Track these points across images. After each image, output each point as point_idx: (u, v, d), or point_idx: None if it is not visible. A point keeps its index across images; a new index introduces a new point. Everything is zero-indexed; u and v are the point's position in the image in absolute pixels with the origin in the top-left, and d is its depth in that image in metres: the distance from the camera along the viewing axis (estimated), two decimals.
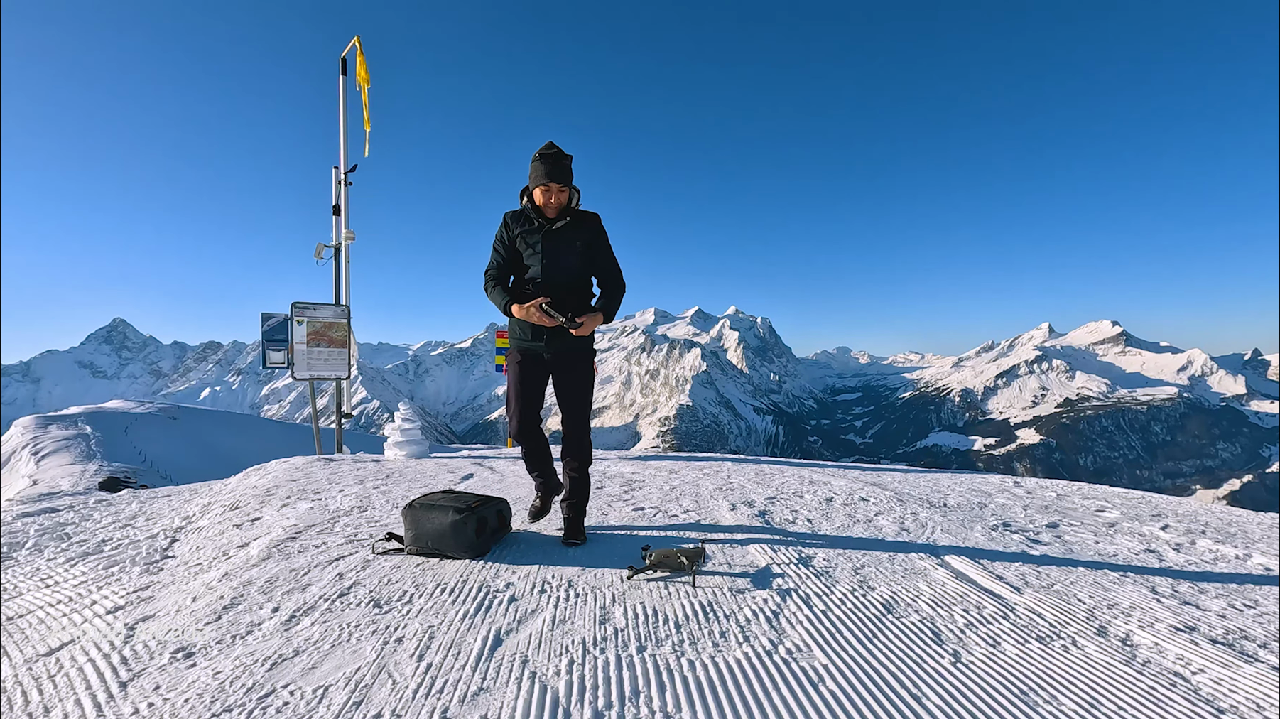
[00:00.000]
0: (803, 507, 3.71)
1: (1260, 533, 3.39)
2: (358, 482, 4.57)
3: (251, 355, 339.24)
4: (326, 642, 1.91)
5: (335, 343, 7.44)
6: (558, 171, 2.70)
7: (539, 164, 2.70)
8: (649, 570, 2.45)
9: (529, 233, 2.78)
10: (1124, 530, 3.33)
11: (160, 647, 1.93)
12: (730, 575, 2.47)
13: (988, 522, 3.43)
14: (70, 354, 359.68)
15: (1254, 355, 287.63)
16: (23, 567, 2.92)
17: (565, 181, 2.71)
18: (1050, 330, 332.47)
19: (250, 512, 3.68)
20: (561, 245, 2.77)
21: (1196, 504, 4.31)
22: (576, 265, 2.81)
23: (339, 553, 2.78)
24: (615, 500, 3.87)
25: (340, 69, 7.89)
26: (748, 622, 2.04)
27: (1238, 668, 1.75)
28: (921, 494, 4.21)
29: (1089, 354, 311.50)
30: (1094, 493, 4.60)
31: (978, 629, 2.00)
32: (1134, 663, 1.79)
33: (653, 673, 1.72)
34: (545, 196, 2.71)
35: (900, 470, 5.67)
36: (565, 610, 2.12)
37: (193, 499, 4.39)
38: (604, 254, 2.87)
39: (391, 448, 6.66)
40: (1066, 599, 2.27)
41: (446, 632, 1.98)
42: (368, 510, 3.62)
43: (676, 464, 5.46)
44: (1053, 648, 1.87)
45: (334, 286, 7.82)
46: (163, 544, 3.19)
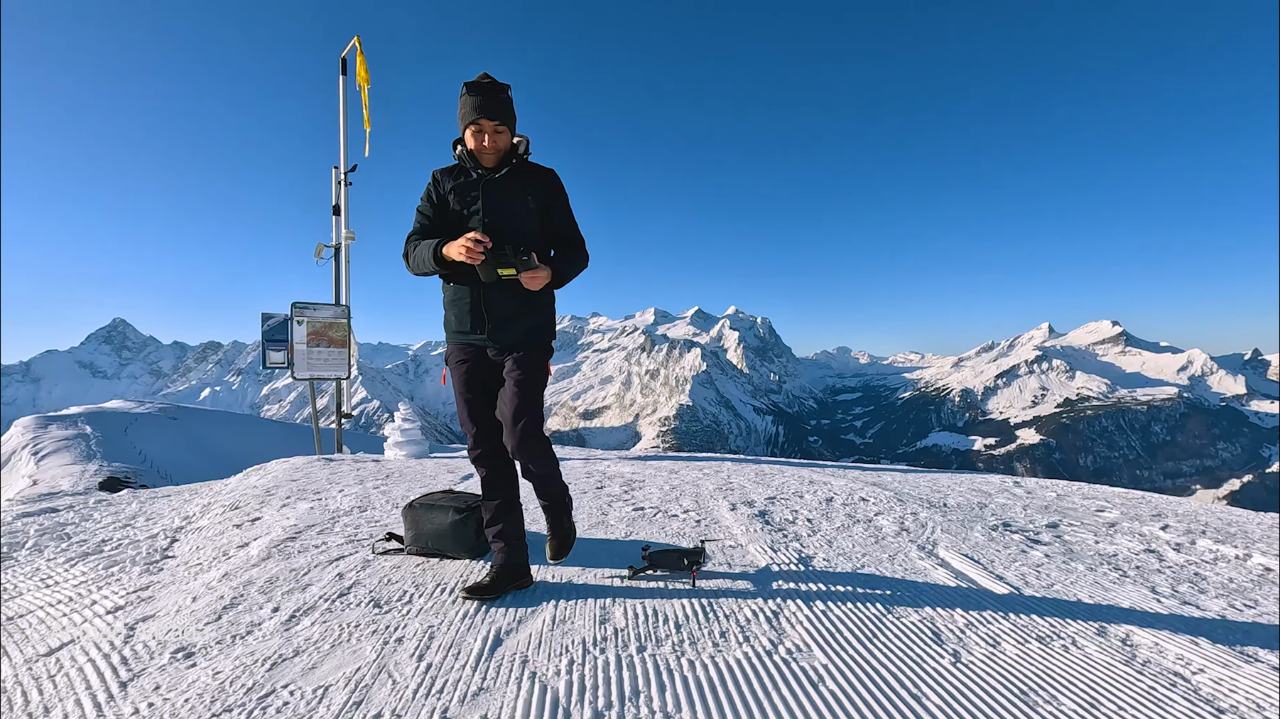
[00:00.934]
0: (803, 507, 3.71)
1: (1260, 533, 3.39)
2: (358, 482, 4.57)
3: (251, 355, 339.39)
4: (326, 642, 1.91)
5: (335, 343, 7.43)
6: (492, 105, 2.09)
7: (467, 98, 2.10)
8: (649, 570, 2.45)
9: (465, 187, 2.20)
10: (1124, 530, 3.33)
11: (160, 647, 1.93)
12: (730, 575, 2.48)
13: (988, 522, 3.43)
14: (70, 354, 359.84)
15: (1254, 355, 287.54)
16: (23, 567, 2.92)
17: (504, 119, 2.12)
18: (1050, 330, 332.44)
19: (250, 512, 3.68)
20: (506, 198, 2.19)
21: (1196, 504, 4.31)
22: (527, 224, 2.21)
23: (339, 553, 2.78)
24: (615, 500, 3.87)
25: (340, 69, 7.89)
26: (748, 622, 2.04)
27: (1238, 668, 1.75)
28: (921, 494, 4.21)
29: (1089, 354, 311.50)
30: (1094, 493, 4.60)
31: (978, 629, 2.00)
32: (1134, 663, 1.79)
33: (653, 673, 1.72)
34: (478, 139, 2.13)
35: (900, 470, 5.67)
36: (565, 610, 2.12)
37: (193, 499, 4.39)
38: (563, 216, 2.29)
39: (391, 448, 6.66)
40: (1066, 599, 2.27)
41: (446, 632, 1.98)
42: (368, 510, 3.62)
43: (676, 464, 5.46)
44: (1053, 648, 1.87)
45: (334, 286, 7.82)
46: (163, 544, 3.19)
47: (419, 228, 2.26)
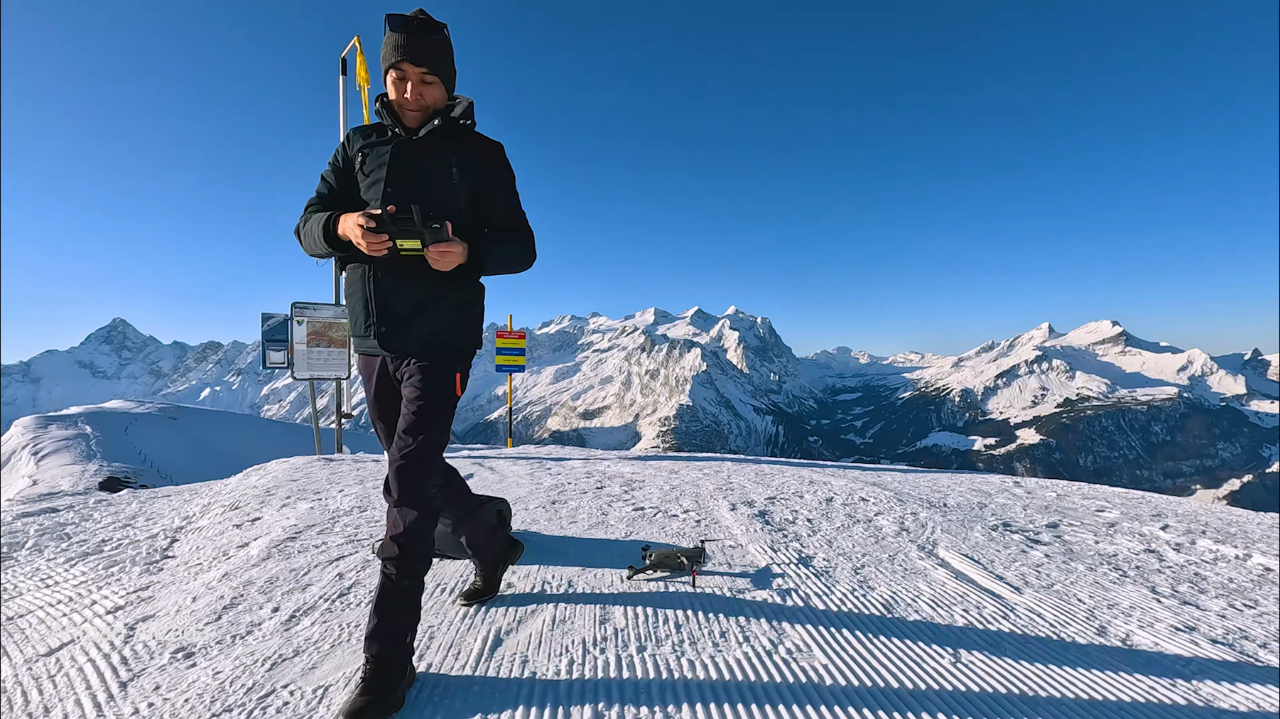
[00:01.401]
0: (803, 507, 3.71)
1: (1260, 533, 3.39)
2: (358, 482, 4.57)
3: (251, 355, 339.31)
4: (327, 642, 1.91)
5: (335, 343, 7.44)
6: (420, 47, 1.66)
7: (390, 35, 1.67)
8: (649, 570, 2.45)
9: (376, 146, 1.75)
10: (1124, 530, 3.33)
11: (160, 647, 1.93)
12: (730, 575, 2.47)
13: (988, 522, 3.43)
14: (70, 354, 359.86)
15: (1254, 355, 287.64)
16: (23, 567, 2.92)
17: (435, 67, 1.69)
18: (1050, 330, 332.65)
19: (250, 512, 3.68)
20: (424, 164, 1.72)
21: (1196, 504, 4.31)
22: (448, 204, 1.73)
23: (339, 553, 2.78)
24: (615, 500, 3.87)
25: (340, 69, 7.90)
26: (748, 622, 2.04)
27: (1238, 668, 1.75)
28: (921, 494, 4.21)
29: (1089, 354, 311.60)
30: (1094, 493, 4.60)
31: (978, 629, 2.00)
32: (1134, 663, 1.79)
33: (653, 673, 1.72)
34: (399, 88, 1.70)
35: (900, 470, 5.67)
36: (565, 610, 2.12)
37: (193, 499, 4.39)
38: (503, 203, 1.81)
39: None
40: (1066, 599, 2.27)
41: (446, 632, 1.98)
42: (368, 510, 3.62)
43: (676, 464, 5.46)
44: (1053, 648, 1.87)
45: (334, 287, 7.83)
46: (163, 544, 3.19)
47: (317, 197, 1.80)
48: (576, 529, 3.19)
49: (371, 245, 1.55)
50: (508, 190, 1.83)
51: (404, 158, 1.73)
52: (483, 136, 1.82)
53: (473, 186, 1.77)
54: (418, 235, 1.55)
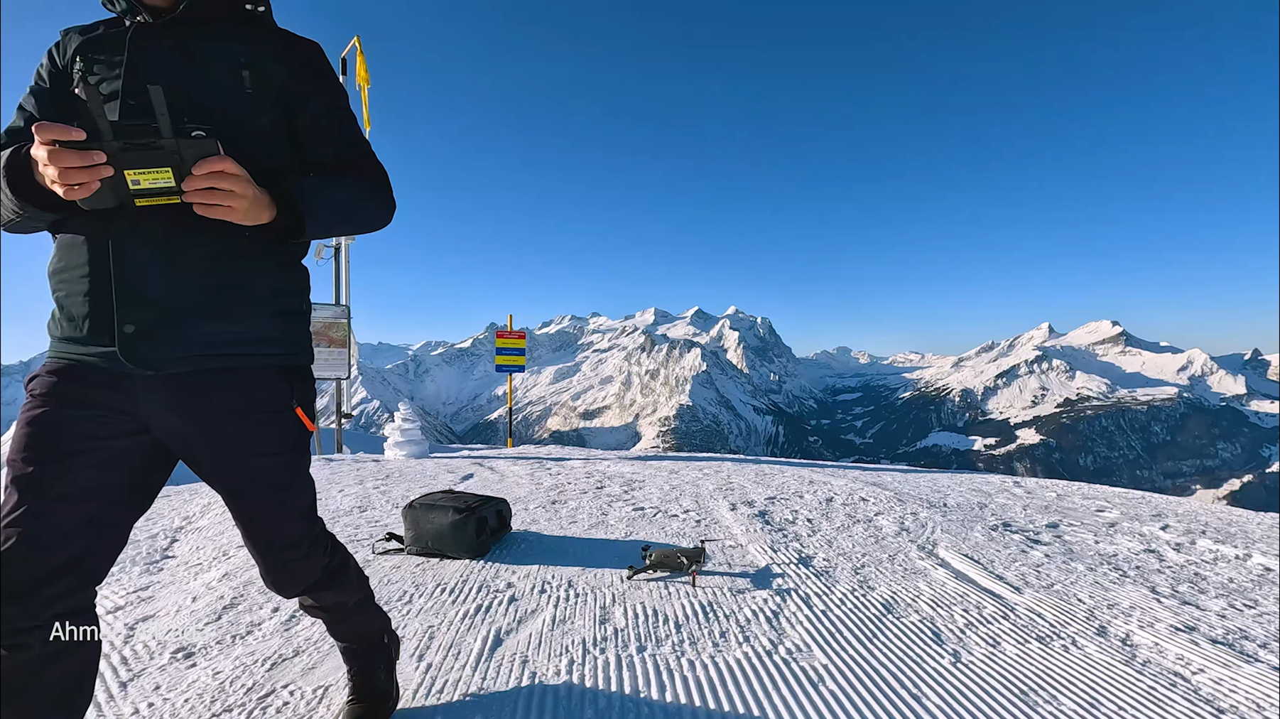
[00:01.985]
0: (803, 506, 3.71)
1: (1260, 533, 3.39)
2: (358, 482, 4.57)
3: None
4: (327, 642, 1.91)
5: (335, 343, 7.44)
6: None
7: None
8: (649, 570, 2.45)
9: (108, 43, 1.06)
10: (1124, 530, 3.33)
11: (160, 647, 1.93)
12: (730, 575, 2.48)
13: (988, 522, 3.43)
14: None
15: (1254, 355, 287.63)
16: None
17: None
18: (1050, 330, 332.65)
19: None
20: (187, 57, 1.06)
21: (1196, 504, 4.31)
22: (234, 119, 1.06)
23: None
24: (615, 500, 3.87)
25: (340, 69, 7.89)
26: (748, 622, 2.04)
27: (1238, 668, 1.75)
28: (921, 494, 4.21)
29: (1089, 354, 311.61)
30: (1094, 493, 4.60)
31: (978, 629, 2.00)
32: (1134, 663, 1.79)
33: (653, 673, 1.72)
34: None
35: (900, 470, 5.67)
36: (565, 610, 2.12)
37: (193, 499, 4.38)
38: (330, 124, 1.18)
39: (391, 448, 6.66)
40: (1066, 599, 2.26)
41: (446, 632, 1.98)
42: (368, 510, 3.62)
43: (676, 464, 5.46)
44: (1053, 648, 1.87)
45: (334, 286, 7.83)
46: (163, 544, 3.18)
47: (6, 135, 1.07)
48: (576, 529, 3.20)
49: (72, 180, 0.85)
50: (338, 110, 1.20)
51: (155, 46, 1.05)
52: (289, 32, 1.20)
53: (280, 103, 1.12)
54: (167, 159, 0.87)
